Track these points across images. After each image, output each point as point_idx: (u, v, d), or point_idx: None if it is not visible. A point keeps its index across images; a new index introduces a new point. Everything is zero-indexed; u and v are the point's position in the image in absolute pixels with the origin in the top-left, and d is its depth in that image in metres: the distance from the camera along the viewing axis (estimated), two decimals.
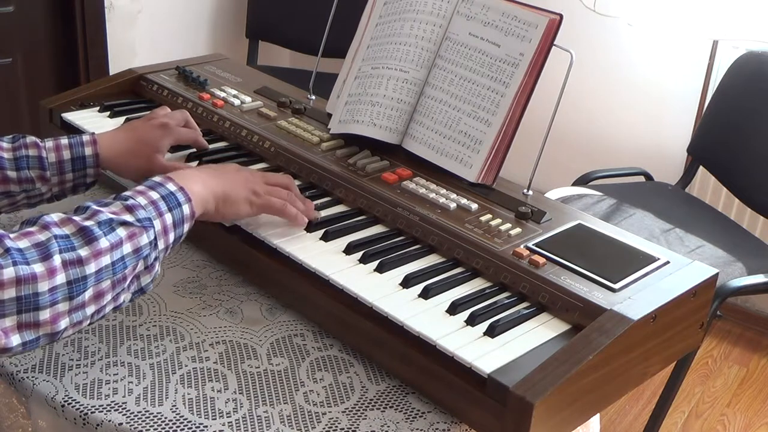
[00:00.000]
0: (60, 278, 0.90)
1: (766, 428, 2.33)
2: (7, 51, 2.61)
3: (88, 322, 0.96)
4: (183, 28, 3.04)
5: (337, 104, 1.44)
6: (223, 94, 1.57)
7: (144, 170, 1.27)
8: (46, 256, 0.90)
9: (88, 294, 0.93)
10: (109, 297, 0.96)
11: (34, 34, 2.65)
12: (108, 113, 1.55)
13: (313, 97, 1.60)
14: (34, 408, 1.05)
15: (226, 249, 1.25)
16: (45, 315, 0.90)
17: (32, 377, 1.04)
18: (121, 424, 0.98)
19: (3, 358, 1.07)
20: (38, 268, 0.88)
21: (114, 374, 1.06)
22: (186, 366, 1.08)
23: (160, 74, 1.66)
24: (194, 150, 1.39)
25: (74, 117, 1.53)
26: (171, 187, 1.04)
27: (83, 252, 0.92)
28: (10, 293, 0.87)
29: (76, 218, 0.95)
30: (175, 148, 1.40)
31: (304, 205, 1.22)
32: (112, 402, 1.01)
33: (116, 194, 1.02)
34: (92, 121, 1.52)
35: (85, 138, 1.22)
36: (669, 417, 2.22)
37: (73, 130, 1.52)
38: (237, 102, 1.55)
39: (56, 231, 0.92)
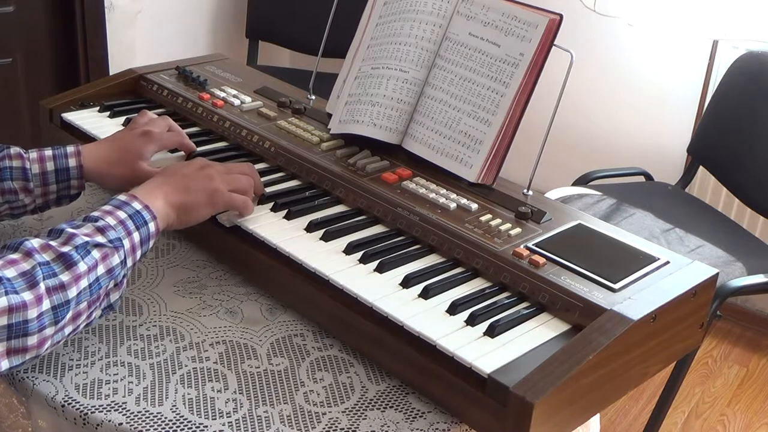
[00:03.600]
0: (46, 304, 0.93)
1: (766, 428, 2.33)
2: (7, 51, 2.60)
3: (64, 340, 0.99)
4: (183, 28, 3.04)
5: (337, 104, 1.44)
6: (223, 94, 1.57)
7: (129, 178, 1.26)
8: (32, 284, 0.92)
9: (68, 316, 0.96)
10: (84, 317, 0.99)
11: (34, 34, 2.65)
12: (108, 113, 1.55)
13: (313, 97, 1.60)
14: (34, 408, 1.05)
15: (226, 249, 1.25)
16: (33, 340, 0.93)
17: (32, 377, 1.04)
18: (121, 424, 0.98)
19: None
20: (27, 296, 0.91)
21: (114, 374, 1.06)
22: (186, 366, 1.08)
23: (160, 74, 1.66)
24: (189, 153, 1.39)
25: (74, 117, 1.53)
26: (137, 206, 1.06)
27: (65, 277, 0.95)
28: (2, 321, 0.89)
29: (53, 244, 0.97)
30: (171, 151, 1.40)
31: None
32: (112, 402, 1.01)
33: (85, 216, 1.04)
34: (92, 121, 1.52)
35: (69, 149, 1.23)
36: (669, 417, 2.22)
37: (73, 130, 1.52)
38: (237, 102, 1.55)
39: (38, 258, 0.95)
